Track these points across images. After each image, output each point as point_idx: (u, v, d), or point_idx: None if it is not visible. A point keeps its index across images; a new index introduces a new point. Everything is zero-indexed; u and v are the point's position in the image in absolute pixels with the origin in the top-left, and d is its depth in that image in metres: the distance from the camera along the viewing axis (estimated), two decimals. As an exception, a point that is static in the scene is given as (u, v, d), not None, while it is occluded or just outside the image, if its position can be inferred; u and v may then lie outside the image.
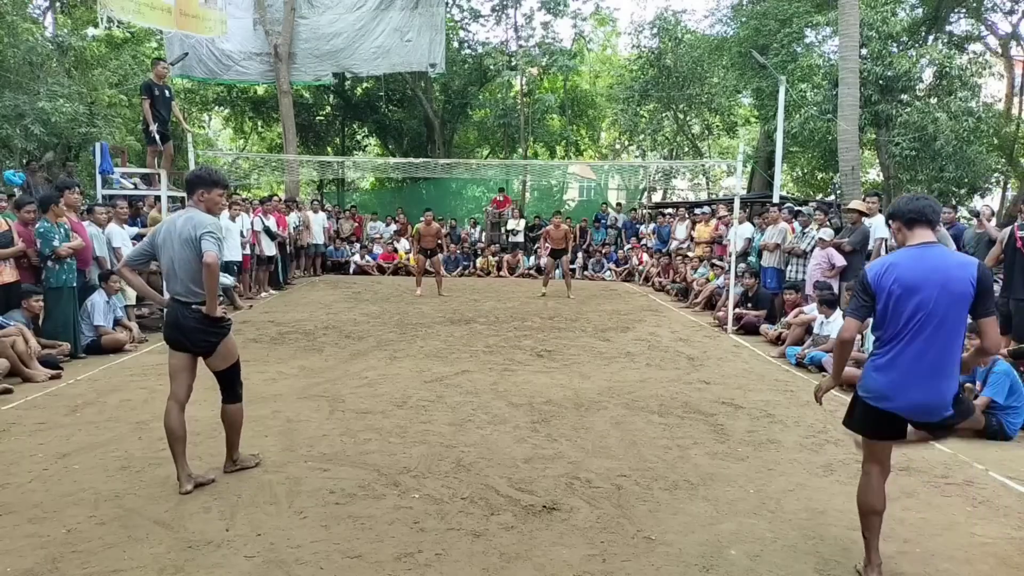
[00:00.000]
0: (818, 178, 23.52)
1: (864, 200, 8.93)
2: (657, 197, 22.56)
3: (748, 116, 24.87)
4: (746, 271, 9.45)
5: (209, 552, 3.04)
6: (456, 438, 4.60)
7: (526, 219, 18.31)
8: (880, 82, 14.63)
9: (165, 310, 3.82)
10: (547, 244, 12.94)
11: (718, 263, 11.21)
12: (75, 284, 6.85)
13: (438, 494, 3.69)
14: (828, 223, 9.07)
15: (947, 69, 14.87)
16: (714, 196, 24.27)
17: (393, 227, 17.55)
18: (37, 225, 6.60)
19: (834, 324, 6.89)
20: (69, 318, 6.73)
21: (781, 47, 17.02)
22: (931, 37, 17.55)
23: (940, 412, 2.77)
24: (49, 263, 6.58)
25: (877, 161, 19.48)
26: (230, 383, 3.84)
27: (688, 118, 24.58)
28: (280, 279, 12.99)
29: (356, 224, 17.43)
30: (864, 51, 14.35)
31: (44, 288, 6.59)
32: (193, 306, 3.62)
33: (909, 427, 2.90)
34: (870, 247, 8.39)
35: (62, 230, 6.75)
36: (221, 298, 3.96)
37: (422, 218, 12.61)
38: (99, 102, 14.60)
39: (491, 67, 21.05)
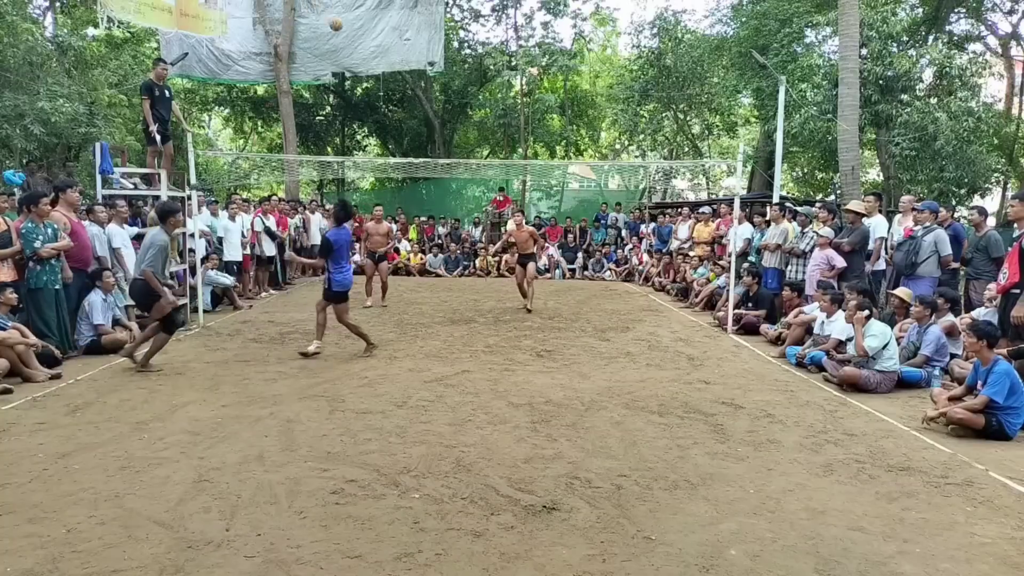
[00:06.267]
0: (818, 178, 23.51)
1: (863, 200, 8.93)
2: (657, 197, 22.54)
3: (748, 116, 24.86)
4: (749, 271, 9.43)
5: (209, 552, 3.04)
6: (456, 438, 4.60)
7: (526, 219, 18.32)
8: (880, 82, 14.62)
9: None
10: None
11: (719, 263, 11.20)
12: (57, 286, 6.70)
13: (438, 494, 3.69)
14: (834, 221, 9.04)
15: (947, 69, 14.84)
16: (714, 196, 24.26)
17: (393, 227, 17.51)
18: (21, 225, 6.50)
19: (835, 324, 6.88)
20: (53, 320, 6.65)
21: (781, 47, 17.00)
22: (931, 37, 17.52)
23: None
24: (31, 263, 6.48)
25: (877, 161, 19.46)
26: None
27: (688, 118, 24.56)
28: (280, 279, 13.01)
29: (356, 224, 17.40)
30: (864, 51, 14.33)
31: (25, 289, 6.47)
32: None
33: None
34: (870, 247, 8.39)
35: (48, 230, 6.64)
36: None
37: (370, 215, 10.86)
38: (99, 102, 14.56)
39: (491, 67, 21.05)
